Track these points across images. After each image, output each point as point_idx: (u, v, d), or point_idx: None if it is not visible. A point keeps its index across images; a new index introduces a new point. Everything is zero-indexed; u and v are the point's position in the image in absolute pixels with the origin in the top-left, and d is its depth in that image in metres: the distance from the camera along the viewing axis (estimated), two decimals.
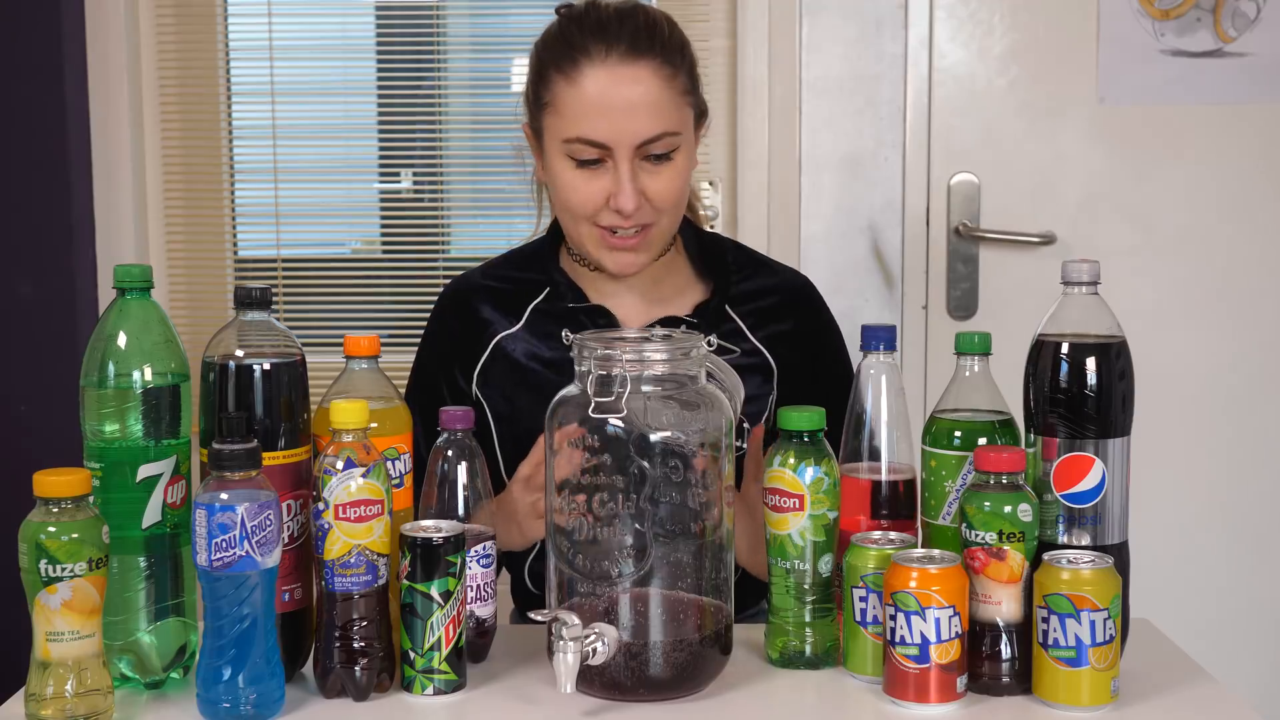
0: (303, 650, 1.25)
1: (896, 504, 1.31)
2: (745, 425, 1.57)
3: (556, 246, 1.68)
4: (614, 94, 1.50)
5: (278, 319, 1.26)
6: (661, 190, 1.52)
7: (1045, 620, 1.17)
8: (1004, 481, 1.20)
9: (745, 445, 1.52)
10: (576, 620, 1.16)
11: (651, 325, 1.58)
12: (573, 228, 1.57)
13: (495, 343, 1.63)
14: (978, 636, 1.21)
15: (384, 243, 2.92)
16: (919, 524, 1.32)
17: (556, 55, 1.53)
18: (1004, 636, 1.20)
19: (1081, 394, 1.22)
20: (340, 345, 1.31)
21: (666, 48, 1.53)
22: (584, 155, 1.51)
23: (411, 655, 1.20)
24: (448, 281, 1.74)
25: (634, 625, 1.20)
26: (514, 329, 1.63)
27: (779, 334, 1.65)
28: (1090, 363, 1.22)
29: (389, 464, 1.25)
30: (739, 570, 1.58)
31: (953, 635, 1.17)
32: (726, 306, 1.64)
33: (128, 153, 2.75)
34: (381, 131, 2.86)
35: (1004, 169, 2.64)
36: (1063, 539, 1.23)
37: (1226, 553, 2.71)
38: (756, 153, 2.67)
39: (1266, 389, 2.69)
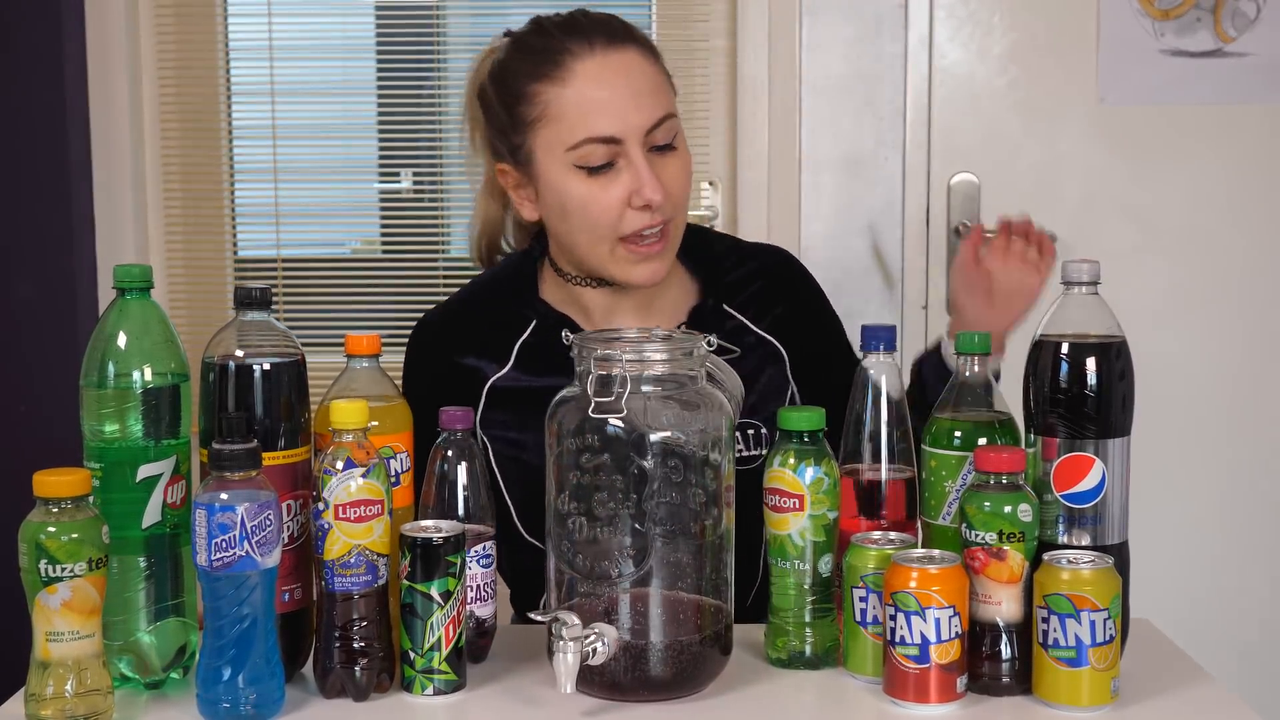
0: (303, 650, 1.25)
1: (896, 504, 1.31)
2: (763, 431, 1.54)
3: (534, 273, 1.58)
4: (613, 82, 1.43)
5: (278, 319, 1.26)
6: (674, 181, 1.46)
7: (1045, 620, 1.17)
8: (1004, 481, 1.20)
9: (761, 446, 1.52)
10: (576, 620, 1.16)
11: None
12: (590, 250, 1.47)
13: (489, 388, 1.53)
14: (978, 636, 1.21)
15: (384, 243, 2.92)
16: (919, 524, 1.32)
17: (533, 67, 1.45)
18: (1004, 636, 1.20)
19: (1081, 394, 1.22)
20: (340, 345, 1.31)
21: (638, 36, 1.48)
22: (594, 159, 1.43)
23: (411, 655, 1.20)
24: (416, 323, 1.62)
25: (634, 625, 1.20)
26: (504, 370, 1.53)
27: (777, 318, 1.59)
28: (1090, 363, 1.22)
29: (386, 463, 1.25)
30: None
31: (953, 635, 1.16)
32: (724, 305, 1.58)
33: (128, 153, 2.75)
34: (381, 131, 2.86)
35: (1004, 169, 2.64)
36: (1063, 539, 1.23)
37: (1226, 553, 2.71)
38: (756, 153, 2.67)
39: (1267, 389, 2.69)
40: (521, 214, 1.54)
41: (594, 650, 1.16)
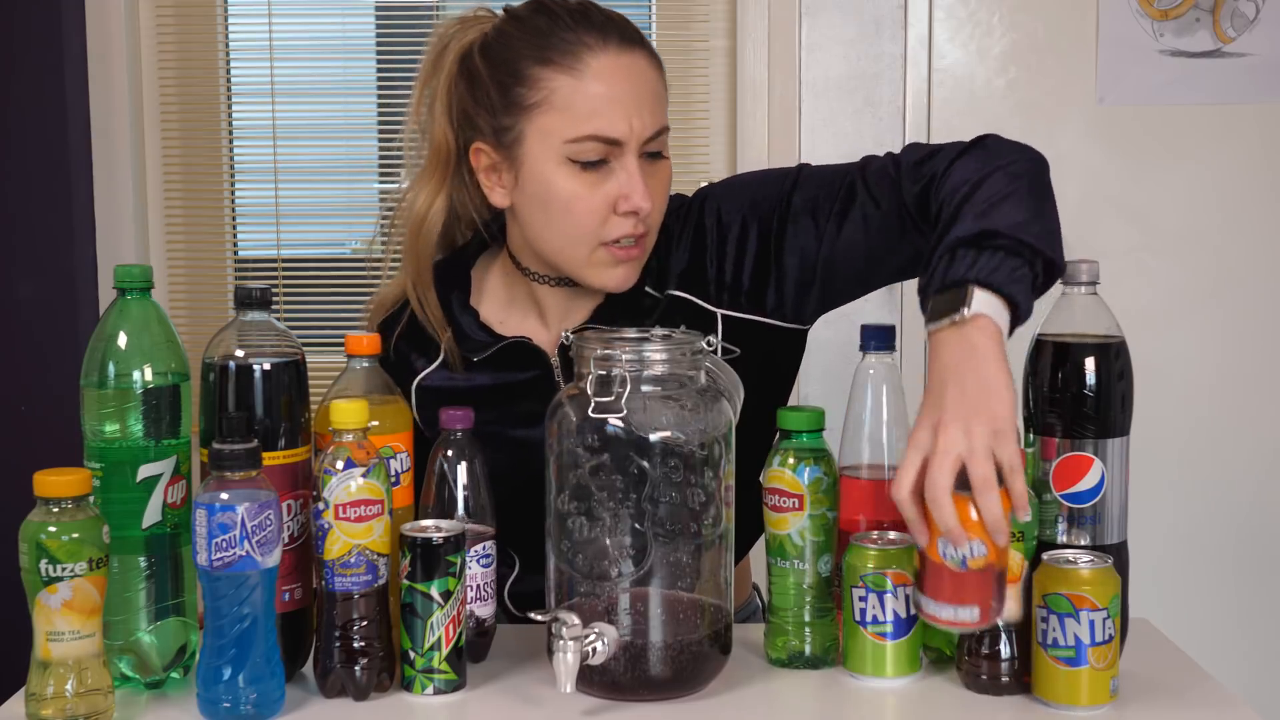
0: (303, 650, 1.26)
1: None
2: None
3: (468, 271, 1.54)
4: (625, 84, 1.39)
5: (278, 319, 1.27)
6: (660, 192, 1.42)
7: (1044, 620, 1.17)
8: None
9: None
10: (576, 620, 1.16)
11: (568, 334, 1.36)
12: (565, 248, 1.42)
13: (416, 387, 1.51)
14: (977, 636, 1.21)
15: (384, 243, 2.92)
16: None
17: (539, 51, 1.39)
18: (1004, 636, 1.21)
19: (1081, 394, 1.22)
20: (340, 345, 1.31)
21: (645, 43, 1.44)
22: (590, 155, 1.38)
23: (411, 655, 1.21)
24: (375, 296, 1.60)
25: (634, 625, 1.21)
26: (431, 367, 1.51)
27: (674, 266, 1.48)
28: (1089, 363, 1.23)
29: (386, 463, 1.25)
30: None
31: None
32: (645, 286, 1.47)
33: (128, 153, 2.75)
34: (381, 131, 2.86)
35: None
36: (1062, 539, 1.23)
37: (1226, 553, 2.71)
38: (756, 153, 2.67)
39: (1266, 389, 2.69)
40: (491, 199, 1.46)
41: (594, 650, 1.16)
